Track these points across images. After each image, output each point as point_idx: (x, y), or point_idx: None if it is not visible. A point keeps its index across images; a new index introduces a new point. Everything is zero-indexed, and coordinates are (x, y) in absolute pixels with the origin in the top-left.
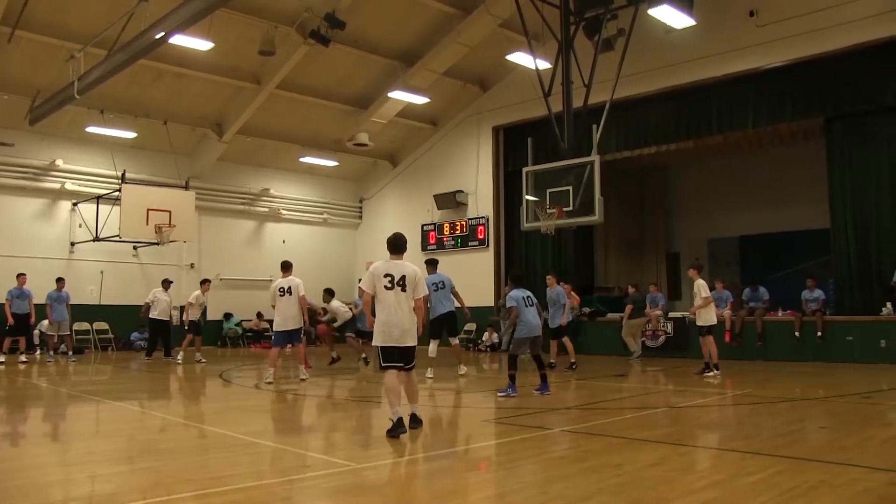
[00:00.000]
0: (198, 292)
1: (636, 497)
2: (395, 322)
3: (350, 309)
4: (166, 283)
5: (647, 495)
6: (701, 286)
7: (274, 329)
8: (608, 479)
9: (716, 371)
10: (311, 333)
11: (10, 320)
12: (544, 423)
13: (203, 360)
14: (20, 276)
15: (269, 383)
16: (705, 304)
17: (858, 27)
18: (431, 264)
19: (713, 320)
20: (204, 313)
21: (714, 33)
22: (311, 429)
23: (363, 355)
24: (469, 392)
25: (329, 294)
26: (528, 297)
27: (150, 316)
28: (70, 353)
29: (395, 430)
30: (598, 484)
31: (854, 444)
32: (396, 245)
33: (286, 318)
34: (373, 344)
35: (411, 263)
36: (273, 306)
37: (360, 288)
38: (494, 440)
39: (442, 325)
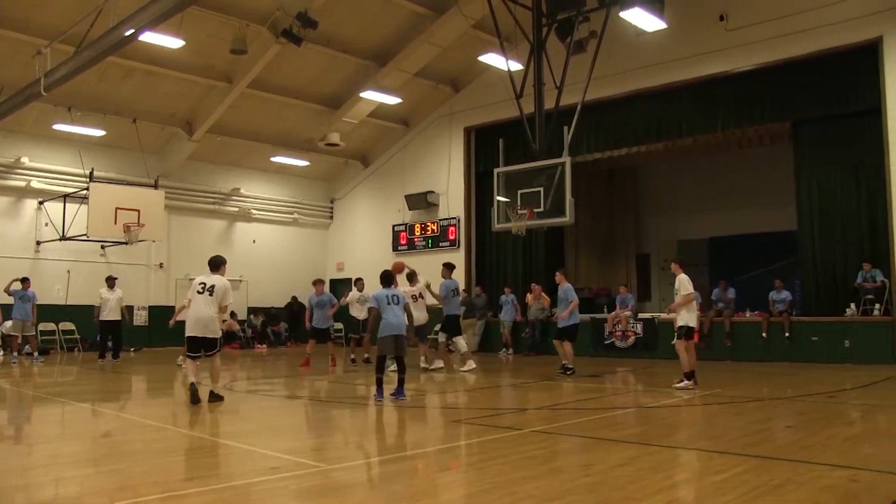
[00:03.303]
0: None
1: (605, 496)
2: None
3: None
4: (111, 281)
5: (615, 495)
6: (683, 281)
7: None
8: (577, 478)
9: (686, 381)
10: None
11: None
12: (515, 424)
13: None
14: None
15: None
16: (685, 301)
17: (825, 32)
18: (448, 268)
19: (693, 322)
20: None
21: (684, 36)
22: (281, 430)
23: (352, 356)
24: (442, 392)
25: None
26: (393, 296)
27: (100, 318)
28: (35, 353)
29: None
30: (567, 484)
31: (818, 443)
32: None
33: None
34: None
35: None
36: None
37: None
38: (465, 440)
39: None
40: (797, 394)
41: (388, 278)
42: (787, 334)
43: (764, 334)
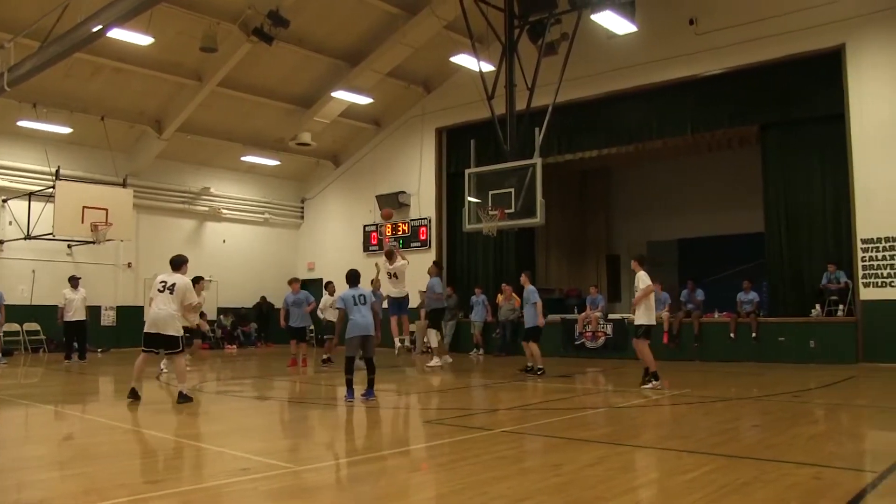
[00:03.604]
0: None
1: (575, 496)
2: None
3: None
4: (74, 281)
5: (585, 494)
6: (642, 278)
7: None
8: (547, 478)
9: (654, 381)
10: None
11: None
12: (485, 424)
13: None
14: None
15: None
16: (645, 294)
17: (791, 39)
18: (438, 266)
19: (651, 320)
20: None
21: (655, 40)
22: (251, 431)
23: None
24: (412, 393)
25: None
26: (360, 296)
27: (65, 318)
28: None
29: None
30: (537, 484)
31: (783, 442)
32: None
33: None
34: None
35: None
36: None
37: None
38: (436, 441)
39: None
40: (763, 393)
41: (354, 278)
42: (754, 335)
43: (732, 335)
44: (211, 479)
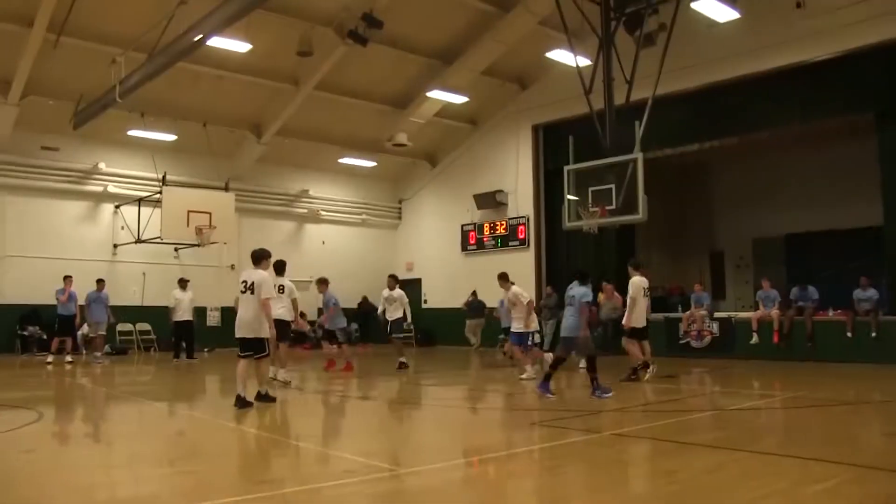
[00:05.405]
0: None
1: None
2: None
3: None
4: (182, 283)
5: None
6: (634, 283)
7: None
8: (662, 486)
9: (645, 369)
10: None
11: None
12: (591, 427)
13: None
14: (67, 278)
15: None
16: (633, 301)
17: None
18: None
19: (641, 322)
20: None
21: (759, 26)
22: (354, 432)
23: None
24: (515, 393)
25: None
26: (570, 296)
27: (174, 318)
28: (98, 353)
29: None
30: (651, 492)
31: None
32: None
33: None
34: None
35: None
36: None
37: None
38: (543, 444)
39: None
40: (887, 398)
41: (584, 277)
42: (874, 333)
43: (849, 333)
44: (314, 481)
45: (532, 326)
